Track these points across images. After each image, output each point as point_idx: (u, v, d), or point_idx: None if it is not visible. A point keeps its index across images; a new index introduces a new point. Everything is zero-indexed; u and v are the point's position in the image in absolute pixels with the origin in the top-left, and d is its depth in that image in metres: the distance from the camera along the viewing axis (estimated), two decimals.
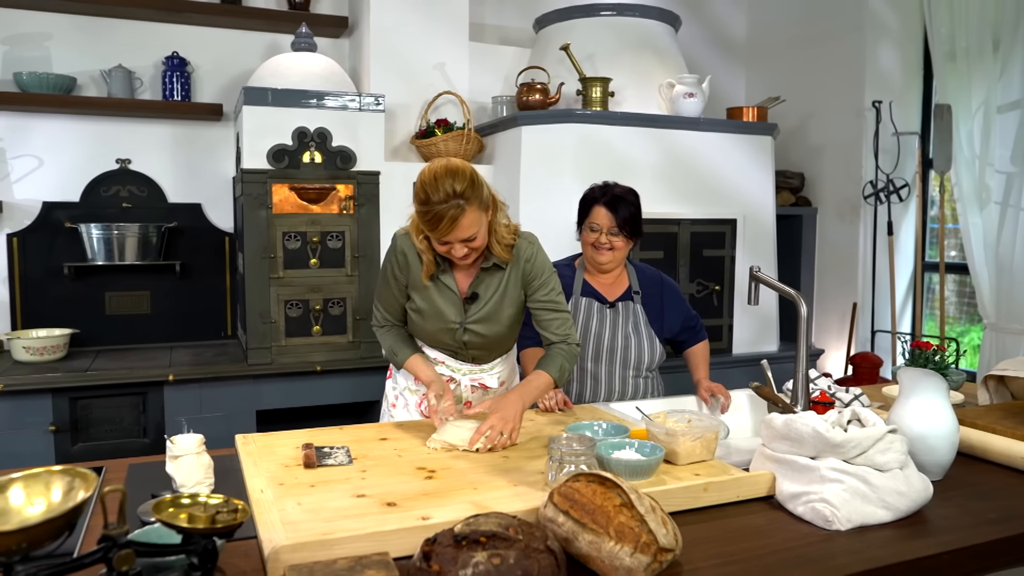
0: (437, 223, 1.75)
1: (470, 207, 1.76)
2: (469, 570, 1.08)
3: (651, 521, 1.20)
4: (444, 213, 1.74)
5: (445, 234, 1.78)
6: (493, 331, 2.02)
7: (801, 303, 1.86)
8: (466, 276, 2.00)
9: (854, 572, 1.23)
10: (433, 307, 1.98)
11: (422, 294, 1.99)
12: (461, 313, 1.99)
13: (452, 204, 1.74)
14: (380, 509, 1.40)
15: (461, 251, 1.84)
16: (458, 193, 1.74)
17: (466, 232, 1.79)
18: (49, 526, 0.92)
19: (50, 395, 2.93)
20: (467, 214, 1.76)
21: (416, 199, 1.80)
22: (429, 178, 1.76)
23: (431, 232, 1.80)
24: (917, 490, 1.45)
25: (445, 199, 1.73)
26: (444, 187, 1.73)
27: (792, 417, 1.52)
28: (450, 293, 1.98)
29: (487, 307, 1.99)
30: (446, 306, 1.98)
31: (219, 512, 1.10)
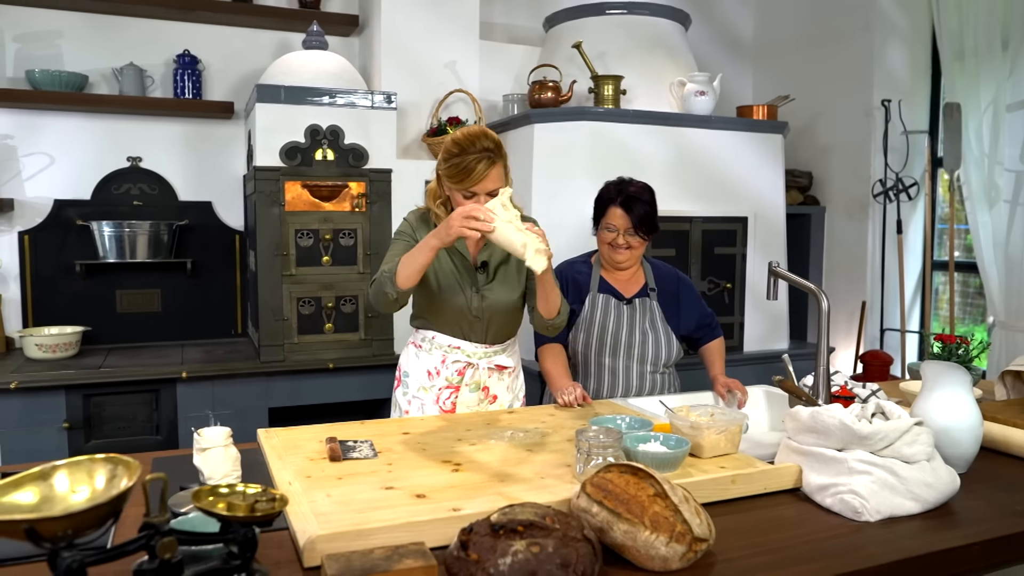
0: (469, 173, 1.91)
1: (499, 162, 1.94)
2: (508, 559, 1.09)
3: (685, 511, 1.21)
4: (477, 163, 1.90)
5: (475, 183, 1.92)
6: (503, 299, 2.12)
7: (822, 297, 1.86)
8: (475, 246, 2.12)
9: (886, 562, 1.23)
10: (449, 277, 2.09)
11: (439, 265, 2.09)
12: (475, 279, 2.10)
13: (485, 155, 1.91)
14: (410, 501, 1.40)
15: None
16: (490, 149, 1.92)
17: (493, 184, 1.94)
18: (95, 512, 0.93)
19: (63, 392, 2.93)
20: (496, 167, 1.94)
21: (446, 155, 1.95)
22: (464, 135, 1.94)
23: (460, 184, 1.93)
24: (945, 482, 1.45)
25: (480, 151, 1.90)
26: (479, 142, 1.91)
27: (818, 410, 1.53)
28: (463, 259, 2.10)
29: (497, 274, 2.12)
30: (461, 274, 2.09)
31: (258, 501, 1.10)
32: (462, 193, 1.96)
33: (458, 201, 1.98)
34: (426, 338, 2.16)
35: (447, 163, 1.94)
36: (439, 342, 2.14)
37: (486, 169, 1.91)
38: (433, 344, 2.15)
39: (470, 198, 1.95)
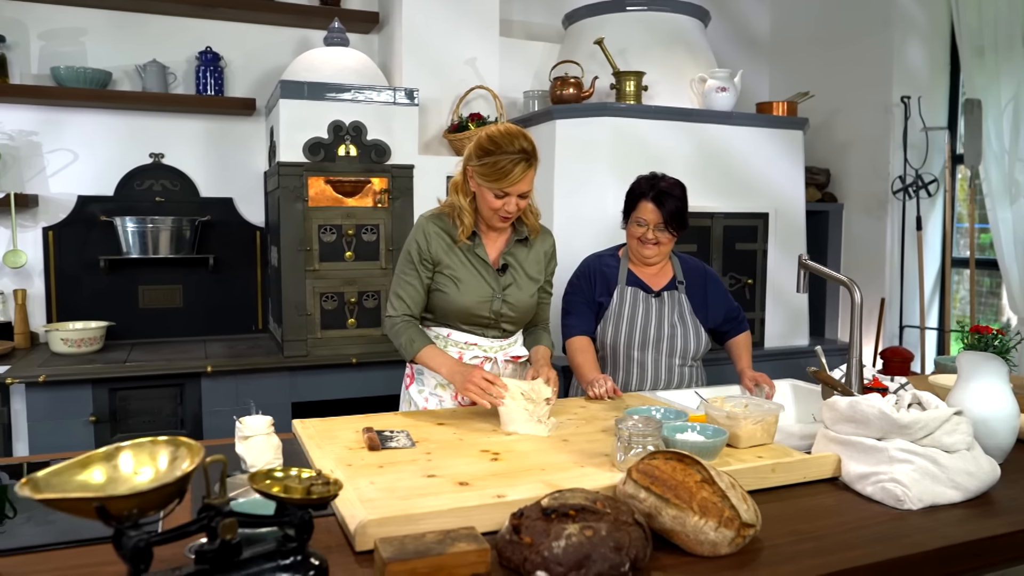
0: (506, 174, 1.90)
1: (533, 165, 1.94)
2: (562, 542, 1.09)
3: (732, 497, 1.22)
4: (515, 165, 1.90)
5: (511, 184, 1.92)
6: (522, 301, 2.12)
7: (855, 289, 1.86)
8: (495, 249, 2.12)
9: (930, 549, 1.24)
10: (469, 278, 2.07)
11: (456, 267, 2.07)
12: (496, 283, 2.09)
13: (522, 157, 1.90)
14: (453, 488, 1.41)
15: (513, 206, 1.97)
16: (527, 150, 1.91)
17: (526, 186, 1.95)
18: (163, 492, 0.94)
19: (90, 386, 2.95)
20: (532, 170, 1.93)
21: (479, 152, 1.93)
22: (499, 133, 1.92)
23: (495, 182, 1.92)
24: (985, 471, 1.46)
25: (517, 152, 1.89)
26: (517, 142, 1.90)
27: (857, 399, 1.53)
28: (483, 264, 2.09)
29: (517, 277, 2.11)
30: (481, 276, 2.08)
31: (313, 484, 1.11)
32: (494, 192, 1.95)
33: (487, 199, 1.97)
34: (440, 335, 2.14)
35: (481, 160, 1.92)
36: (455, 339, 2.13)
37: (523, 172, 1.91)
38: (448, 341, 2.13)
39: (502, 197, 1.95)
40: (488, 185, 1.94)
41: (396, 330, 2.07)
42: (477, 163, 1.94)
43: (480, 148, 1.93)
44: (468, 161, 1.99)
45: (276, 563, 1.07)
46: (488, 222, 2.05)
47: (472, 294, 2.06)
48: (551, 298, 2.24)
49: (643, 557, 1.13)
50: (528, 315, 2.17)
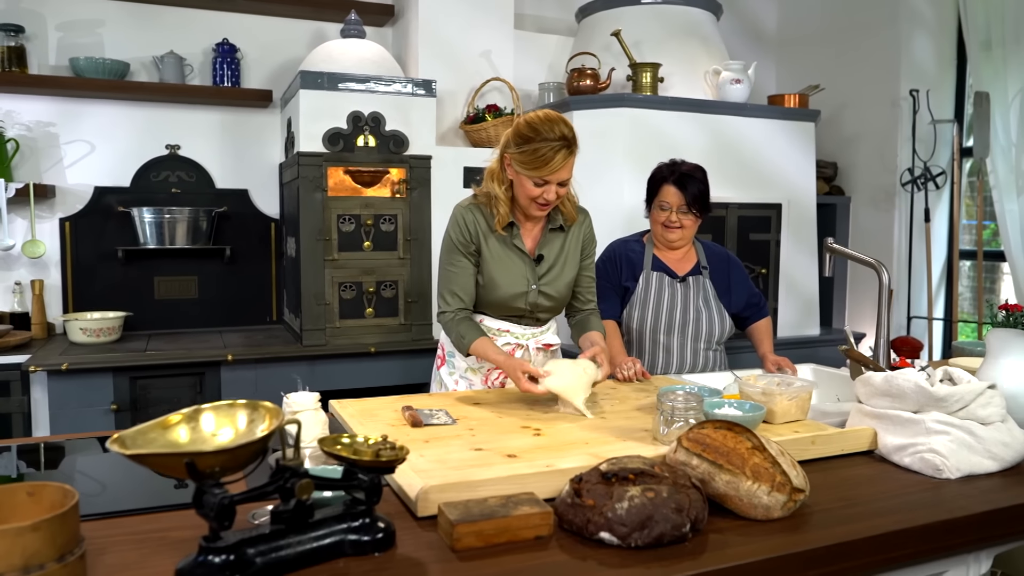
0: (547, 161, 1.86)
1: (573, 153, 1.90)
2: (625, 503, 1.12)
3: (783, 463, 1.25)
4: (555, 152, 1.86)
5: (552, 172, 1.88)
6: (559, 291, 2.11)
7: (883, 271, 1.90)
8: (532, 239, 2.10)
9: (975, 512, 1.28)
10: (506, 270, 2.06)
11: (493, 258, 2.06)
12: (533, 273, 2.07)
13: (563, 144, 1.86)
14: (503, 460, 1.44)
15: (552, 194, 1.94)
16: (568, 137, 1.87)
17: (567, 174, 1.92)
18: (249, 449, 0.97)
19: (111, 374, 2.97)
20: (572, 157, 1.90)
21: (518, 139, 1.90)
22: (539, 119, 1.88)
23: (535, 170, 1.89)
24: (1020, 442, 1.50)
25: (557, 139, 1.85)
26: (558, 128, 1.86)
27: (893, 374, 1.57)
28: (520, 254, 2.07)
29: (555, 267, 2.09)
30: (518, 268, 2.06)
31: (381, 449, 1.14)
32: (533, 180, 1.91)
33: (526, 188, 1.93)
34: (474, 317, 2.13)
35: (520, 148, 1.88)
36: (488, 325, 2.13)
37: (564, 159, 1.87)
38: (481, 326, 2.12)
39: (541, 186, 1.92)
40: (527, 173, 1.90)
41: (449, 325, 2.05)
42: (516, 151, 1.90)
43: (519, 135, 1.89)
44: (506, 148, 1.95)
45: (346, 525, 1.10)
46: (526, 211, 2.02)
47: (509, 286, 2.05)
48: (594, 280, 2.20)
49: (702, 519, 1.16)
50: (564, 303, 2.17)
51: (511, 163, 1.95)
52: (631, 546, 1.11)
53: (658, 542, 1.11)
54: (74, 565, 0.97)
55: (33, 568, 0.92)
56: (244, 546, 1.00)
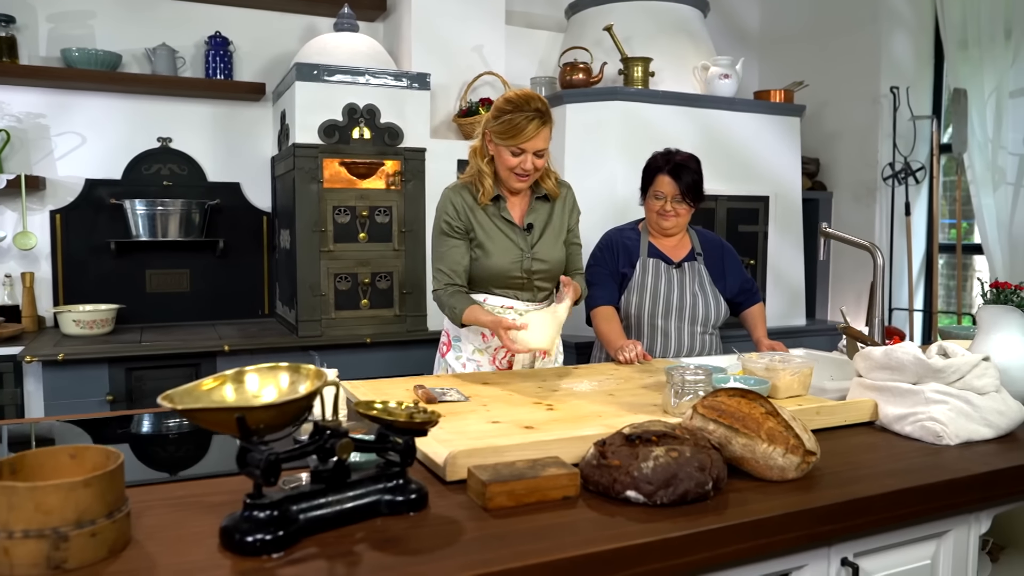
0: (521, 130, 2.00)
1: (547, 124, 2.04)
2: (650, 463, 1.17)
3: (796, 427, 1.30)
4: (528, 121, 2.00)
5: (526, 140, 2.01)
6: (552, 256, 2.22)
7: (877, 252, 1.97)
8: (519, 210, 2.22)
9: (977, 472, 1.34)
10: (499, 240, 2.16)
11: (485, 232, 2.16)
12: (525, 241, 2.18)
13: (536, 115, 2.00)
14: (521, 431, 1.48)
15: (529, 163, 2.07)
16: (541, 110, 2.02)
17: (542, 144, 2.05)
18: (296, 405, 1.00)
19: (106, 365, 2.96)
20: (546, 128, 2.03)
21: (498, 112, 2.05)
22: (516, 95, 2.04)
23: (512, 140, 2.02)
24: (1014, 410, 1.57)
25: (533, 110, 2.00)
26: (532, 102, 2.02)
27: (892, 348, 1.63)
28: (510, 225, 2.18)
29: (545, 235, 2.21)
30: (510, 237, 2.17)
31: (414, 413, 1.17)
32: (511, 150, 2.05)
33: (505, 158, 2.07)
34: (476, 298, 2.20)
35: (498, 120, 2.03)
36: (491, 303, 2.20)
37: (537, 128, 2.01)
38: (485, 306, 2.18)
39: (518, 155, 2.05)
40: (504, 143, 2.04)
41: (441, 300, 2.15)
42: (494, 123, 2.05)
43: (497, 109, 2.05)
44: (486, 125, 2.09)
45: (382, 486, 1.13)
46: (507, 183, 2.14)
47: (504, 256, 2.15)
48: (580, 248, 2.32)
49: (723, 478, 1.21)
50: (559, 270, 2.25)
51: (491, 138, 2.09)
52: (657, 503, 1.15)
53: (682, 499, 1.15)
54: (121, 522, 0.99)
55: (85, 523, 0.94)
56: (287, 503, 1.03)
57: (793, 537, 1.16)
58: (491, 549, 1.01)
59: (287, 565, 0.96)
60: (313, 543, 1.02)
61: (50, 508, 0.92)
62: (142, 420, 1.81)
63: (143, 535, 1.04)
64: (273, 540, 0.99)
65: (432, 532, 1.07)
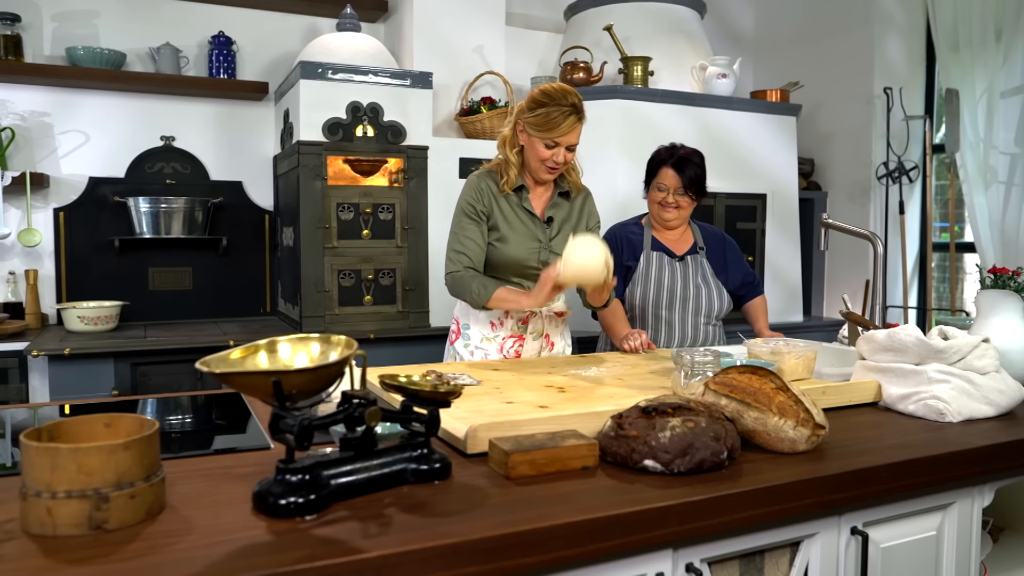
0: (556, 124, 2.03)
1: (582, 120, 2.07)
2: (667, 432, 1.20)
3: (806, 402, 1.34)
4: (565, 116, 2.03)
5: (562, 135, 2.05)
6: None
7: (877, 241, 2.02)
8: (541, 203, 2.25)
9: (979, 445, 1.38)
10: (518, 229, 2.19)
11: (506, 220, 2.19)
12: (543, 233, 2.21)
13: (572, 110, 2.03)
14: (536, 411, 1.51)
15: (561, 156, 2.10)
16: (577, 105, 2.05)
17: (575, 139, 2.09)
18: (330, 370, 1.03)
19: (112, 360, 2.97)
20: (580, 124, 2.07)
21: (532, 104, 2.07)
22: (553, 88, 2.06)
23: (547, 132, 2.05)
24: (1014, 389, 1.61)
25: (569, 105, 2.03)
26: (570, 97, 2.04)
27: (895, 330, 1.67)
28: (531, 217, 2.21)
29: (563, 230, 2.24)
30: (529, 228, 2.20)
31: (437, 384, 1.20)
32: (545, 142, 2.07)
33: (537, 150, 2.09)
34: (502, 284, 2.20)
35: (534, 112, 2.05)
36: None
37: (573, 124, 2.05)
38: None
39: (552, 148, 2.08)
40: (539, 135, 2.06)
41: (463, 281, 2.12)
42: (529, 115, 2.06)
43: (533, 100, 2.07)
44: (520, 115, 2.11)
45: (407, 454, 1.16)
46: (535, 174, 2.17)
47: (521, 245, 2.18)
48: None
49: (737, 448, 1.25)
50: None
51: (524, 128, 2.11)
52: (674, 472, 1.19)
53: (699, 468, 1.19)
54: (158, 486, 1.02)
55: (125, 484, 0.97)
56: (319, 468, 1.06)
57: (805, 504, 1.20)
58: (516, 511, 1.05)
59: (320, 526, 0.99)
60: (344, 507, 1.05)
61: (92, 469, 0.94)
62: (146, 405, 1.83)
63: (178, 501, 1.07)
64: (306, 503, 1.02)
65: (458, 498, 1.10)
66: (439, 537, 0.96)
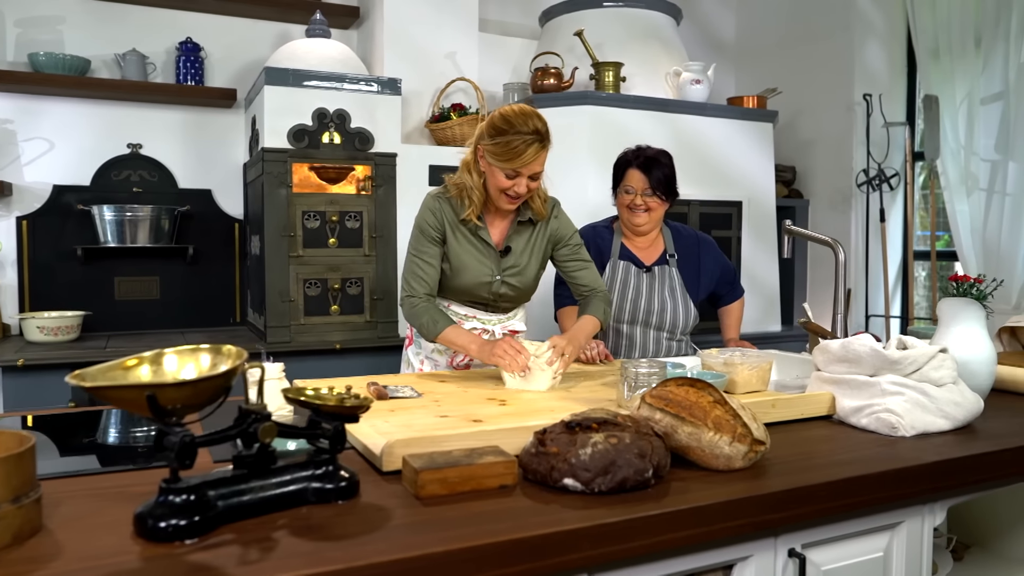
0: (519, 154, 1.88)
1: (546, 147, 1.92)
2: (588, 449, 1.14)
3: (744, 416, 1.27)
4: (528, 145, 1.88)
5: (523, 164, 1.89)
6: (523, 283, 2.13)
7: (839, 249, 1.95)
8: (499, 231, 2.11)
9: (927, 462, 1.31)
10: (471, 261, 2.07)
11: (460, 248, 2.07)
12: (498, 265, 2.08)
13: (535, 138, 1.88)
14: (469, 425, 1.45)
15: (523, 187, 1.95)
16: (541, 131, 1.90)
17: (538, 167, 1.93)
18: (211, 384, 0.96)
19: (69, 371, 2.89)
20: (544, 151, 1.92)
21: (492, 131, 1.91)
22: (514, 112, 1.90)
23: (507, 162, 1.90)
24: (971, 401, 1.54)
25: (531, 132, 1.88)
26: (532, 122, 1.89)
27: (849, 340, 1.61)
28: (486, 247, 2.08)
29: (520, 260, 2.10)
30: (483, 259, 2.08)
31: (345, 398, 1.14)
32: (505, 172, 1.92)
33: (498, 179, 1.94)
34: (440, 304, 2.14)
35: (494, 140, 1.90)
36: (455, 311, 2.15)
37: (536, 153, 1.89)
38: (448, 311, 2.14)
39: (513, 177, 1.93)
40: (499, 165, 1.91)
41: (417, 311, 2.01)
42: (489, 142, 1.92)
43: (493, 127, 1.91)
44: (480, 140, 1.96)
45: (310, 472, 1.10)
46: (496, 203, 2.02)
47: (472, 276, 2.06)
48: (589, 265, 2.17)
49: (664, 466, 1.18)
50: (529, 294, 2.18)
51: (484, 154, 1.96)
52: (594, 491, 1.12)
53: (621, 487, 1.12)
54: (29, 508, 0.95)
55: None
56: (205, 488, 0.99)
57: (736, 526, 1.13)
58: (418, 534, 0.98)
59: (198, 551, 0.92)
60: (231, 530, 0.98)
61: None
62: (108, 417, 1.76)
63: (56, 523, 1.00)
64: (188, 526, 0.95)
65: (358, 519, 1.03)
66: (324, 563, 0.89)
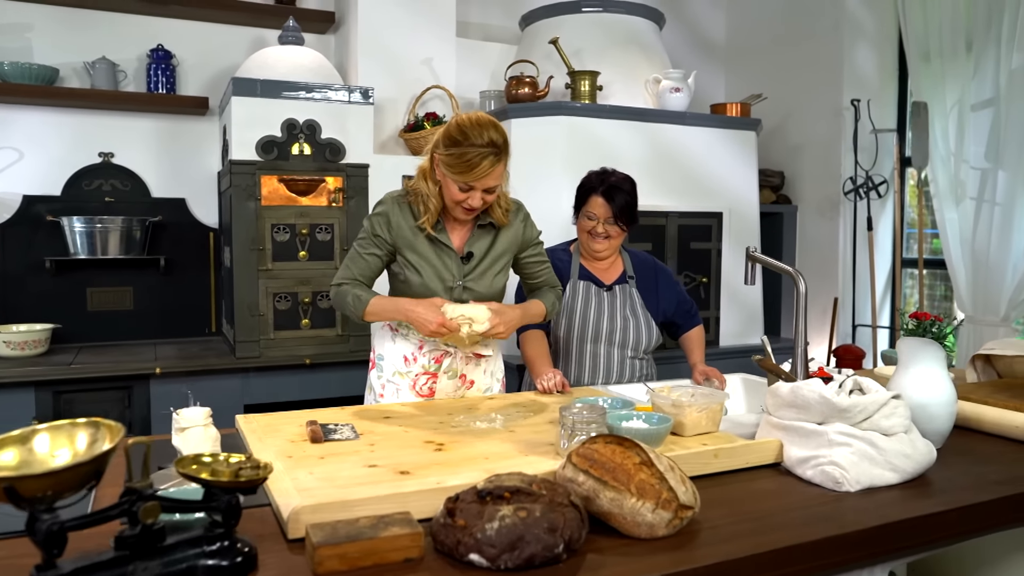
0: (472, 167, 1.82)
1: (502, 160, 1.85)
2: (496, 523, 1.08)
3: (671, 479, 1.22)
4: (482, 158, 1.81)
5: (477, 178, 1.84)
6: (485, 287, 2.07)
7: (799, 279, 1.89)
8: (460, 236, 2.06)
9: (867, 527, 1.25)
10: (431, 265, 2.02)
11: (418, 253, 2.02)
12: (459, 270, 2.04)
13: (491, 151, 1.81)
14: (394, 477, 1.40)
15: (478, 200, 1.90)
16: (497, 144, 1.82)
17: (493, 181, 1.87)
18: (77, 471, 0.91)
19: (33, 388, 2.87)
20: (501, 164, 1.85)
21: (447, 140, 1.85)
22: (470, 123, 1.83)
23: (460, 175, 1.84)
24: (922, 453, 1.48)
25: (486, 144, 1.81)
26: (487, 133, 1.82)
27: (798, 384, 1.54)
28: (447, 250, 2.03)
29: (481, 265, 2.06)
30: (444, 264, 2.03)
31: (242, 468, 1.09)
32: (459, 185, 1.87)
33: (451, 191, 1.89)
34: (403, 323, 2.09)
35: (448, 151, 1.84)
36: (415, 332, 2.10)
37: (491, 166, 1.83)
38: (411, 330, 2.09)
39: (466, 191, 1.88)
40: (453, 176, 1.86)
41: (341, 291, 2.00)
42: (444, 152, 1.85)
43: (448, 137, 1.85)
44: (435, 149, 1.90)
45: (201, 549, 1.05)
46: (452, 212, 1.98)
47: (432, 281, 2.01)
48: (548, 264, 2.18)
49: (578, 538, 1.12)
50: (490, 298, 2.11)
51: (439, 164, 1.91)
52: (501, 568, 1.06)
53: (529, 564, 1.07)
54: None
55: None
56: (82, 573, 0.94)
57: None
58: None
59: None
60: None
61: None
62: None
63: None
64: None
65: None
66: None
